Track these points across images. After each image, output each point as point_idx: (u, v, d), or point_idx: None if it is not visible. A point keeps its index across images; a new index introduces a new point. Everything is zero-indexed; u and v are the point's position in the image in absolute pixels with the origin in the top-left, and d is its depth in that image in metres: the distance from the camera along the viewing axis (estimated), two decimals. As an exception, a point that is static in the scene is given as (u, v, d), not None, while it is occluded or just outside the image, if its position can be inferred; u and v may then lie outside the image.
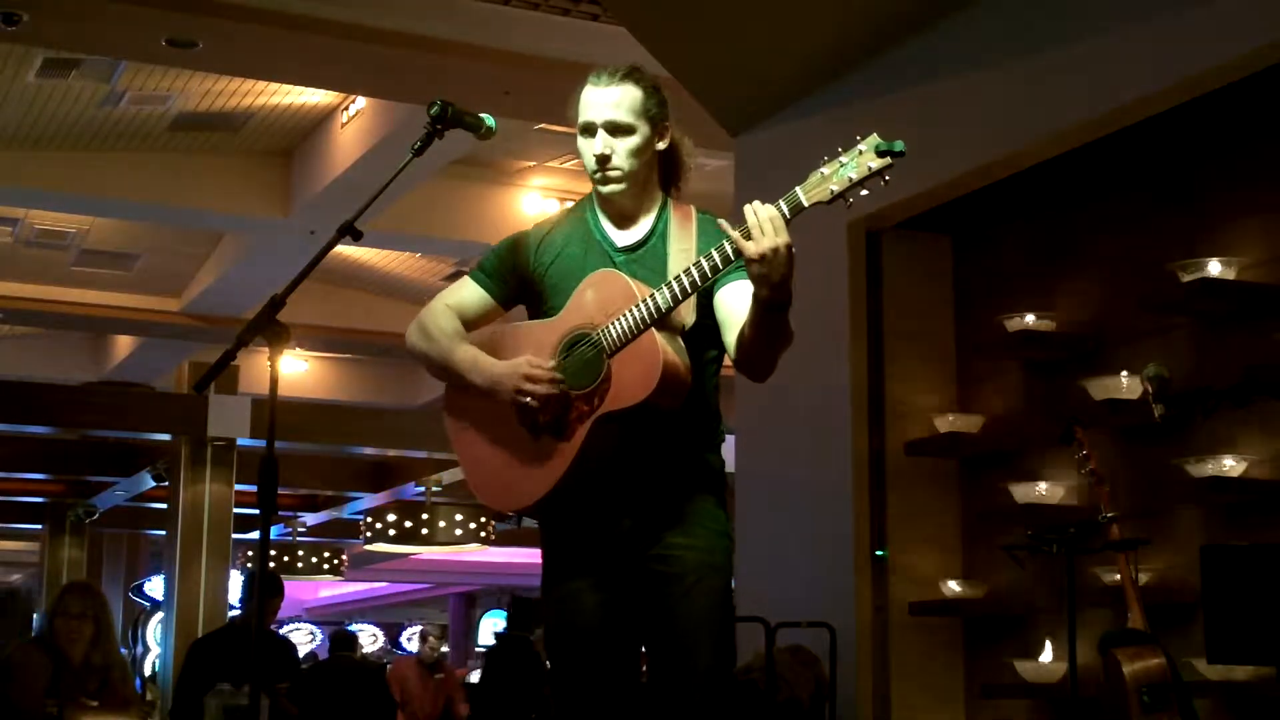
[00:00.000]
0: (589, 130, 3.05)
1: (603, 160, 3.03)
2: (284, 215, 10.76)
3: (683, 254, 2.99)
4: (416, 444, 11.48)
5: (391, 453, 12.06)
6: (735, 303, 2.94)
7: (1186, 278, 4.59)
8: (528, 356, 2.99)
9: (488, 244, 13.07)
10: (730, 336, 2.95)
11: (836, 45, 5.72)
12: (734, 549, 3.09)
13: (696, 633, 2.95)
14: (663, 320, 2.87)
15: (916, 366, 5.69)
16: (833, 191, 2.67)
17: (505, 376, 2.98)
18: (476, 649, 21.20)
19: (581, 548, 3.04)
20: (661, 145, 3.09)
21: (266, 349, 2.86)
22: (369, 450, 12.00)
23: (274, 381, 2.91)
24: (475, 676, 14.71)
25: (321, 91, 9.56)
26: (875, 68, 5.72)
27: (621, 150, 3.03)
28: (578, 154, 3.12)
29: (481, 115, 3.14)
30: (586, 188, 3.20)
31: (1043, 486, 5.13)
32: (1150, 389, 4.13)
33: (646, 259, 3.05)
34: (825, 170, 2.69)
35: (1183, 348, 4.80)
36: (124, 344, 14.69)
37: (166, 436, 10.61)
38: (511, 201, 11.12)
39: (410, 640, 21.34)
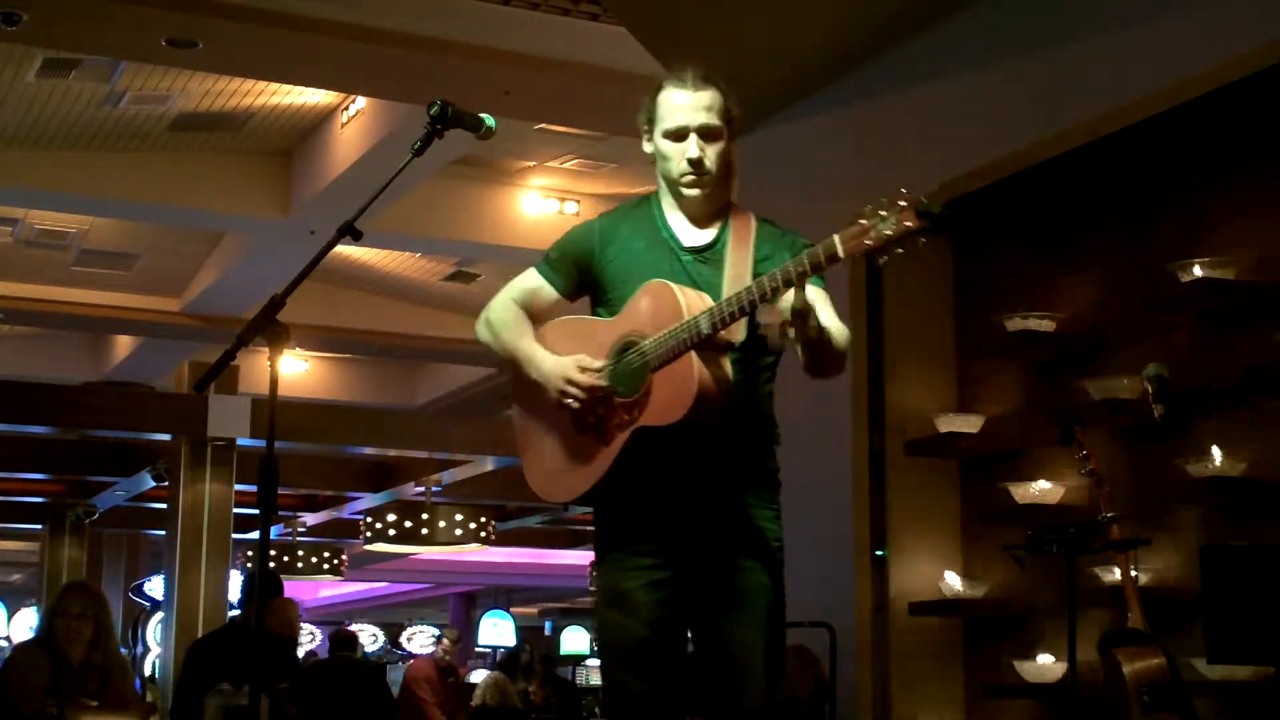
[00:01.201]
0: (681, 135, 3.08)
1: (697, 164, 3.07)
2: (284, 215, 10.77)
3: (737, 275, 3.02)
4: (416, 444, 11.49)
5: (391, 453, 12.06)
6: None
7: (1186, 278, 4.58)
8: (579, 357, 3.05)
9: (488, 244, 13.09)
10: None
11: (836, 45, 5.72)
12: (785, 562, 3.13)
13: (755, 659, 3.02)
14: (705, 343, 2.89)
15: (916, 366, 5.69)
16: (868, 245, 2.70)
17: (553, 375, 3.06)
18: (476, 649, 21.19)
19: (637, 548, 3.08)
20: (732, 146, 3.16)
21: (266, 349, 2.87)
22: (369, 450, 12.00)
23: (274, 381, 2.91)
24: (475, 677, 14.71)
25: (321, 91, 9.56)
26: (875, 68, 5.72)
27: (711, 153, 3.09)
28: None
29: (481, 115, 3.15)
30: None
31: (1043, 486, 5.12)
32: (1150, 389, 4.12)
33: (712, 261, 3.09)
34: (865, 221, 2.71)
35: (1183, 348, 4.80)
36: (124, 344, 14.70)
37: (166, 436, 10.60)
38: (511, 201, 11.12)
39: (410, 640, 21.33)
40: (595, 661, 20.59)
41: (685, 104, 3.08)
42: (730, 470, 3.06)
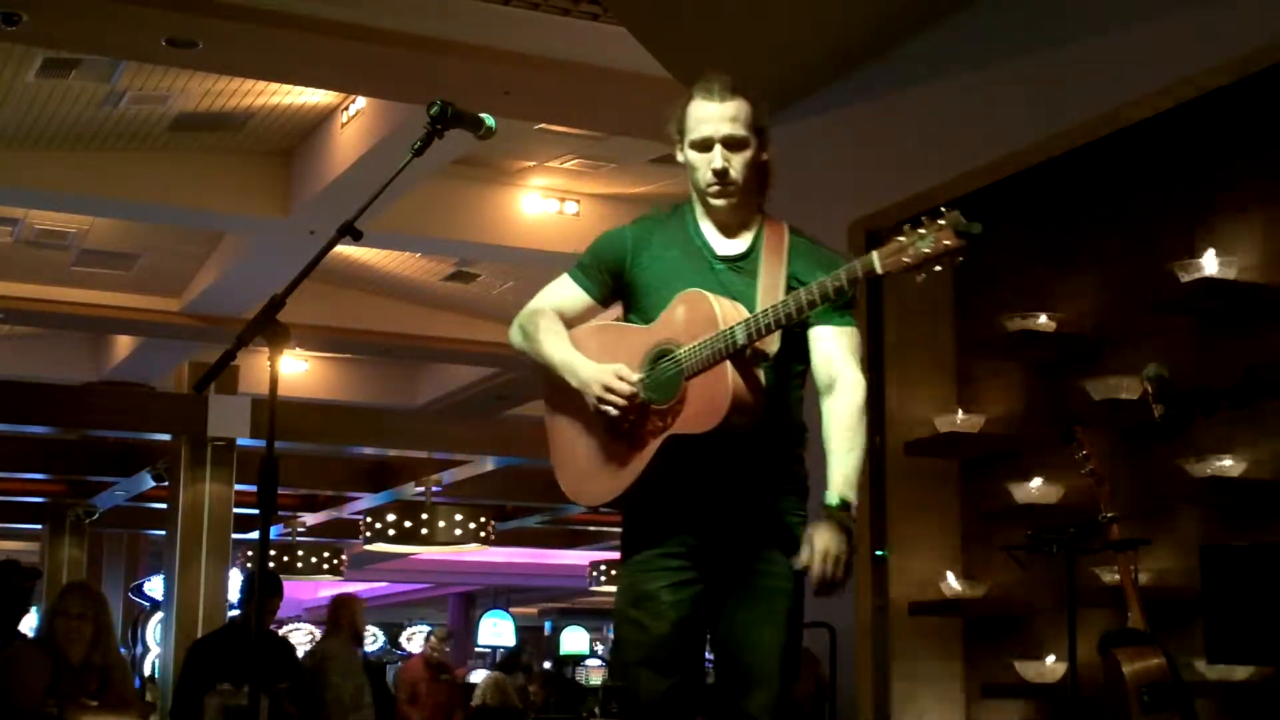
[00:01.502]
0: (706, 145, 3.09)
1: (721, 175, 3.08)
2: (284, 215, 10.76)
3: (770, 286, 3.04)
4: (416, 444, 11.50)
5: (391, 453, 12.07)
6: (826, 348, 3.07)
7: (1186, 278, 4.59)
8: (617, 366, 3.05)
9: (488, 244, 13.03)
10: (820, 390, 3.08)
11: (837, 45, 5.72)
12: None
13: (769, 660, 3.04)
14: (740, 353, 2.92)
15: (916, 366, 5.69)
16: (906, 263, 2.74)
17: (592, 381, 3.05)
18: (476, 649, 21.20)
19: (664, 550, 3.09)
20: (765, 156, 3.16)
21: (266, 349, 2.87)
22: (369, 450, 12.01)
23: (274, 381, 2.91)
24: (475, 677, 14.71)
25: (321, 91, 9.56)
26: (875, 68, 5.72)
27: (737, 164, 3.09)
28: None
29: (481, 115, 3.15)
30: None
31: (1043, 486, 5.13)
32: (1150, 389, 4.12)
33: (745, 270, 3.11)
34: (903, 239, 2.76)
35: (1183, 348, 4.80)
36: (124, 344, 14.69)
37: (166, 436, 10.61)
38: (511, 201, 11.11)
39: (410, 640, 21.33)
40: (595, 661, 20.62)
41: (711, 115, 3.09)
42: (761, 476, 3.09)
